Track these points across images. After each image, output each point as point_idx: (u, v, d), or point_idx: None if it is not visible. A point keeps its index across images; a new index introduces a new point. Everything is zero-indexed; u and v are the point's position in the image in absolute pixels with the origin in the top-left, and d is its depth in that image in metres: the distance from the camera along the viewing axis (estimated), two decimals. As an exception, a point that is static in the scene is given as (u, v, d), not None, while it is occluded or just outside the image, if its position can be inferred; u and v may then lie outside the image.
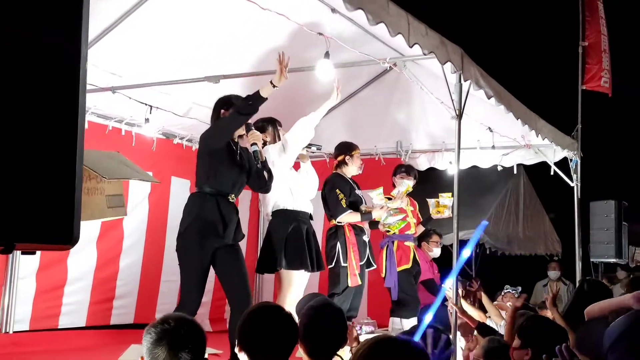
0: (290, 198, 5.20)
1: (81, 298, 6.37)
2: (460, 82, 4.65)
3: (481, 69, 4.94)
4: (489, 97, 5.08)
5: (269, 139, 5.16)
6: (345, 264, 5.52)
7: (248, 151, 4.64)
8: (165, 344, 2.34)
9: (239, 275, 4.44)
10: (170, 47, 5.56)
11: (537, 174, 9.29)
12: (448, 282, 5.12)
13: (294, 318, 2.69)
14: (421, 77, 5.05)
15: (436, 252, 7.26)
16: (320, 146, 5.62)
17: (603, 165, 13.07)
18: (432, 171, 8.06)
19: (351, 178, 5.85)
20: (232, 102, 4.59)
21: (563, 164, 7.43)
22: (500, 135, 6.91)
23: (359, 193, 5.83)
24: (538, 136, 6.34)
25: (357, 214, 5.68)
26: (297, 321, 2.75)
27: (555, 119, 6.84)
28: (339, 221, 5.61)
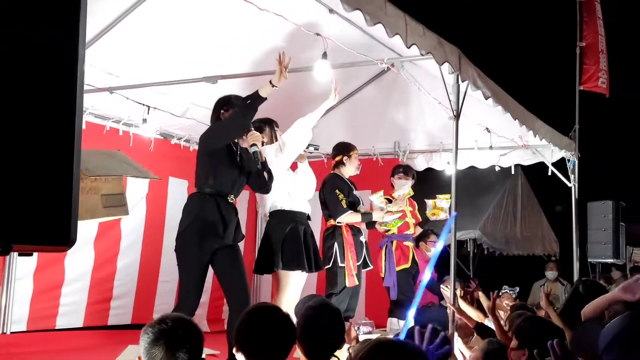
0: (288, 199, 5.20)
1: (78, 298, 6.36)
2: (457, 83, 4.65)
3: (479, 70, 4.95)
4: (486, 97, 5.08)
5: (266, 140, 5.15)
6: (343, 265, 5.52)
7: (248, 152, 4.64)
8: (162, 343, 2.34)
9: (238, 276, 4.44)
10: (168, 48, 5.56)
11: (535, 174, 9.30)
12: (425, 276, 5.17)
13: (292, 319, 2.69)
14: (419, 77, 5.06)
15: (434, 251, 7.27)
16: (317, 146, 5.62)
17: (600, 165, 13.10)
18: (429, 171, 8.07)
19: (348, 179, 5.85)
20: (232, 102, 4.58)
21: (561, 164, 7.45)
22: (497, 136, 6.92)
23: (356, 194, 5.84)
24: (536, 137, 6.35)
25: (357, 215, 5.69)
26: (295, 322, 2.76)
27: (552, 119, 6.85)
28: (339, 221, 5.61)
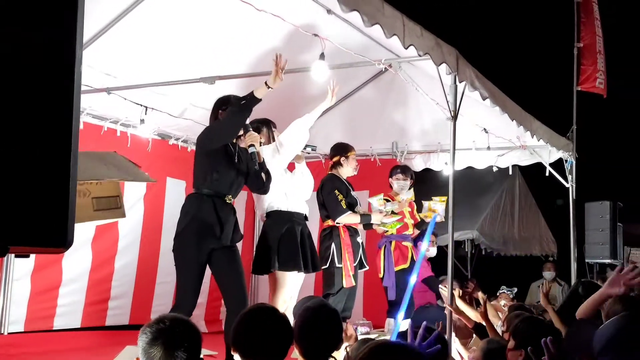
0: (285, 199, 5.20)
1: (76, 299, 6.35)
2: (455, 84, 4.66)
3: (476, 70, 4.95)
4: (484, 98, 5.09)
5: (263, 140, 5.15)
6: (340, 265, 5.52)
7: (246, 152, 4.64)
8: (160, 343, 2.34)
9: (235, 277, 4.44)
10: (166, 48, 5.56)
11: (533, 174, 9.32)
12: (412, 279, 5.37)
13: (289, 320, 2.69)
14: (416, 78, 5.06)
15: (432, 251, 7.28)
16: (315, 147, 5.62)
17: (598, 166, 13.10)
18: (427, 172, 8.08)
19: (346, 179, 5.85)
20: (231, 102, 4.57)
21: (558, 165, 7.45)
22: (495, 136, 6.93)
23: (354, 194, 5.84)
24: (533, 137, 6.36)
25: (356, 216, 5.69)
26: (292, 323, 2.76)
27: (550, 120, 6.86)
28: (338, 222, 5.61)
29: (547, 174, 7.38)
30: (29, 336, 5.91)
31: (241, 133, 4.61)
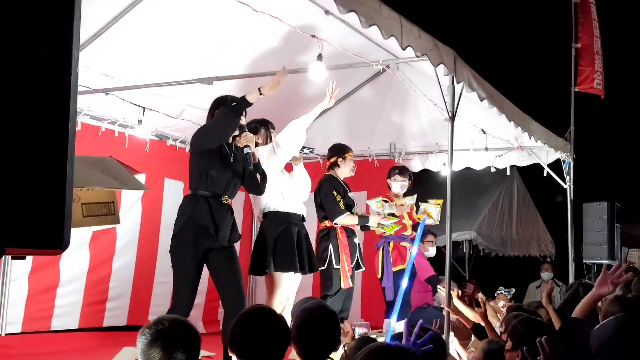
0: (281, 200, 5.19)
1: (74, 300, 6.34)
2: (453, 84, 4.66)
3: (474, 71, 4.96)
4: (481, 99, 5.09)
5: (260, 141, 5.15)
6: (338, 266, 5.52)
7: (243, 152, 4.64)
8: (159, 344, 2.34)
9: (233, 277, 4.44)
10: (163, 49, 5.55)
11: (530, 175, 9.32)
12: (404, 282, 5.42)
13: (286, 320, 2.69)
14: (414, 79, 5.06)
15: (431, 251, 7.30)
16: (312, 149, 5.63)
17: (596, 166, 13.10)
18: (425, 173, 8.08)
19: (343, 180, 5.85)
20: (228, 102, 4.58)
21: (556, 165, 7.46)
22: (493, 137, 6.93)
23: (351, 196, 5.84)
24: (531, 138, 6.37)
25: (354, 217, 5.69)
26: (290, 324, 2.75)
27: (548, 120, 6.87)
28: (336, 222, 5.62)
29: (545, 174, 7.39)
30: (26, 337, 5.90)
31: (237, 134, 4.61)
